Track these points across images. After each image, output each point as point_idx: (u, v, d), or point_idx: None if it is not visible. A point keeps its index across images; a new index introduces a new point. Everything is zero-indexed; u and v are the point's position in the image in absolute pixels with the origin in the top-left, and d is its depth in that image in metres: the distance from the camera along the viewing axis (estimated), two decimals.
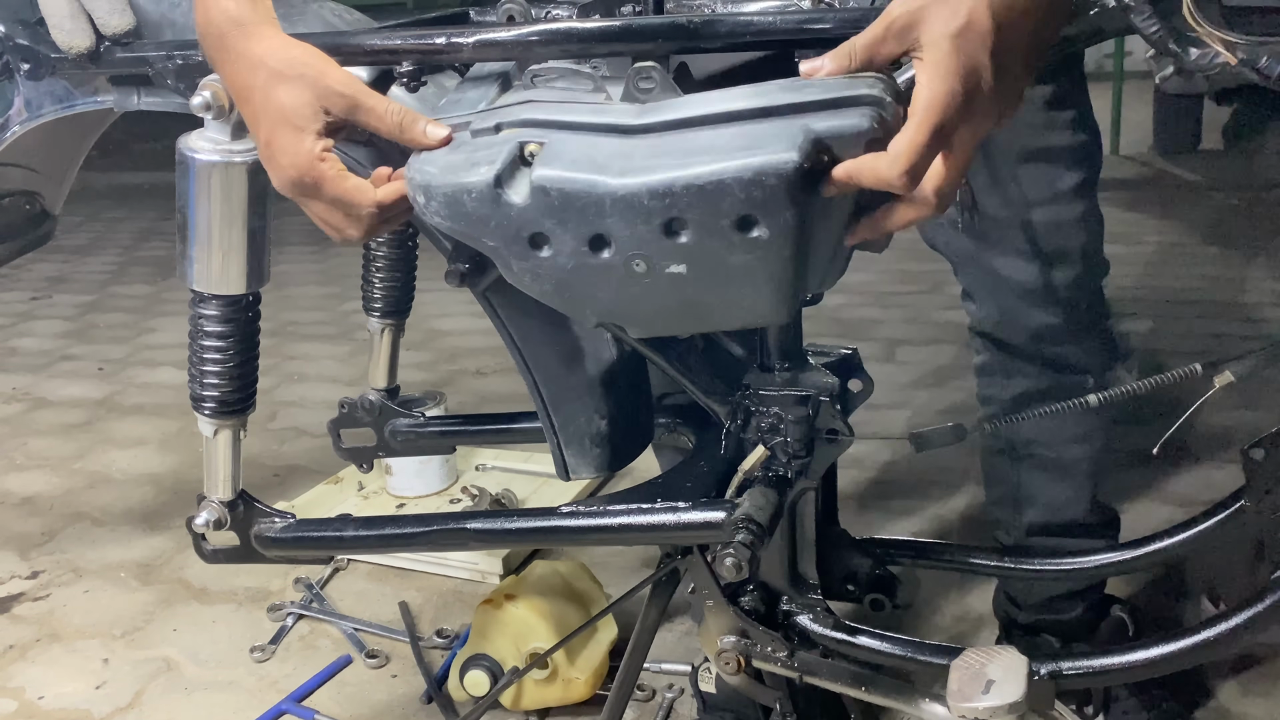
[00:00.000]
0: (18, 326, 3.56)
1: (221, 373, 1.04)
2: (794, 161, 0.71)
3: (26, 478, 2.36)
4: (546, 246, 0.78)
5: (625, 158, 0.76)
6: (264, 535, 1.10)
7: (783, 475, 0.95)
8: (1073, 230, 1.24)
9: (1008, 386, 1.33)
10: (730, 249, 0.75)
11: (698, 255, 0.75)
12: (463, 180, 0.78)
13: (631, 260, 0.77)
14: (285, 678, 1.61)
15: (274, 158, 0.83)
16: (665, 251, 0.76)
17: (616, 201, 0.75)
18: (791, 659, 1.01)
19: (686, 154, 0.74)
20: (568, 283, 0.79)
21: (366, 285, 1.34)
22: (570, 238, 0.77)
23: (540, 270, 0.79)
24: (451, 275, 0.96)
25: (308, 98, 0.81)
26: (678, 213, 0.74)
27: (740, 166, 0.72)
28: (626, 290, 0.78)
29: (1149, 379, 0.94)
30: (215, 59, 0.86)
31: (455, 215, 0.79)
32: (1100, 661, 0.93)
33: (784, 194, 0.72)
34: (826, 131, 0.72)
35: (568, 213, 0.76)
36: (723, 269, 0.76)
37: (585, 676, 1.46)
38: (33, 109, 1.15)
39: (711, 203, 0.73)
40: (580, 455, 1.07)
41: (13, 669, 1.67)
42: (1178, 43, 0.73)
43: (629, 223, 0.75)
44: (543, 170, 0.76)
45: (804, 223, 0.74)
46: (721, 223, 0.74)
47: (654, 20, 0.88)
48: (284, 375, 2.90)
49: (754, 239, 0.74)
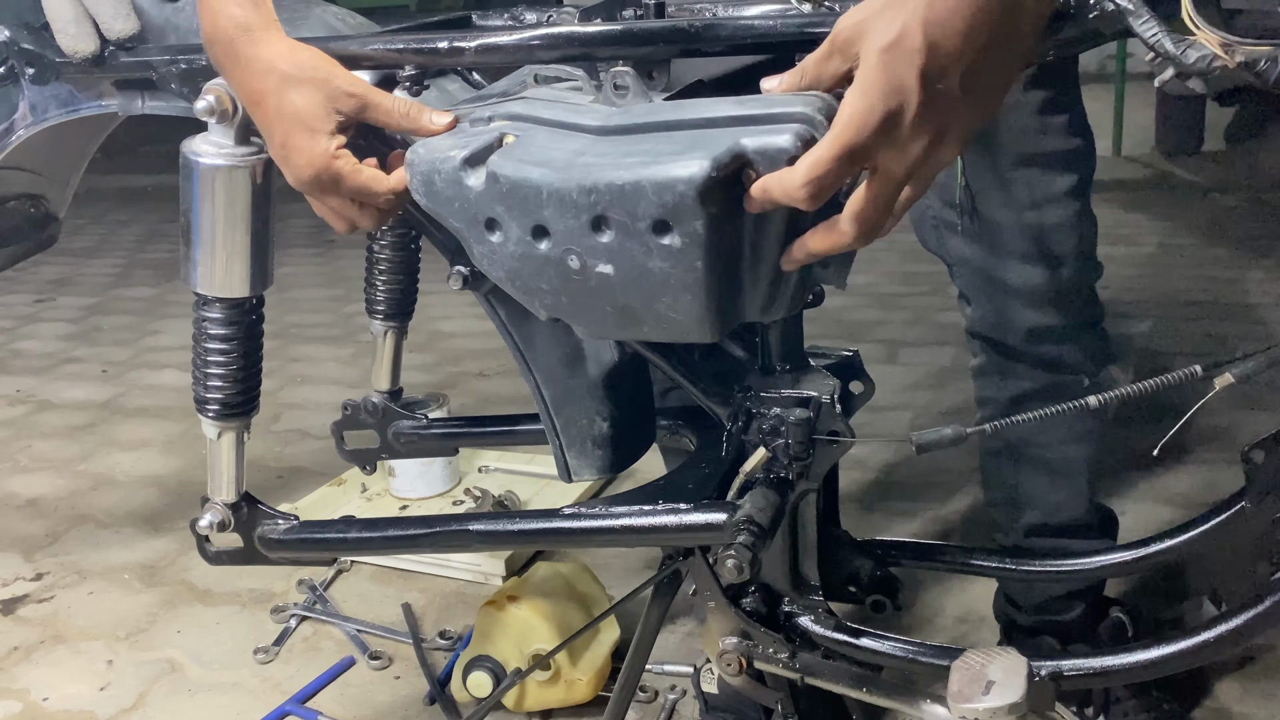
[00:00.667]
0: (22, 329, 3.57)
1: (225, 375, 1.05)
2: (704, 172, 0.72)
3: (31, 480, 2.37)
4: (498, 231, 0.82)
5: (578, 155, 0.79)
6: (267, 537, 1.11)
7: (784, 477, 0.95)
8: (1067, 233, 1.25)
9: (1004, 388, 1.34)
10: (648, 253, 0.77)
11: (620, 256, 0.78)
12: (436, 161, 0.83)
13: (567, 255, 0.80)
14: (289, 679, 1.61)
15: (290, 159, 0.86)
16: (594, 250, 0.79)
17: (551, 194, 0.78)
18: (793, 660, 1.01)
19: (624, 155, 0.77)
20: (517, 271, 0.84)
21: (369, 288, 1.34)
22: (516, 225, 0.81)
23: (494, 256, 0.84)
24: (454, 278, 0.97)
25: (319, 100, 0.84)
26: (601, 210, 0.77)
27: (656, 172, 0.74)
28: (566, 286, 0.82)
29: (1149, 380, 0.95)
30: (224, 65, 0.88)
31: (429, 192, 0.84)
32: (1101, 662, 0.93)
33: (693, 202, 0.73)
34: (753, 147, 0.73)
35: (513, 200, 0.80)
36: (644, 274, 0.78)
37: (588, 678, 1.46)
38: (37, 113, 1.15)
39: (629, 203, 0.75)
40: (582, 457, 1.07)
41: (17, 670, 1.67)
42: (1176, 46, 0.73)
43: (562, 215, 0.79)
44: (496, 159, 0.81)
45: (716, 235, 0.75)
46: (639, 225, 0.76)
47: (654, 24, 0.88)
48: (288, 377, 2.91)
49: (667, 246, 0.76)
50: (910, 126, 0.68)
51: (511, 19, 1.08)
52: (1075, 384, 1.29)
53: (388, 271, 1.33)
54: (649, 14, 0.93)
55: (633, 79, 0.81)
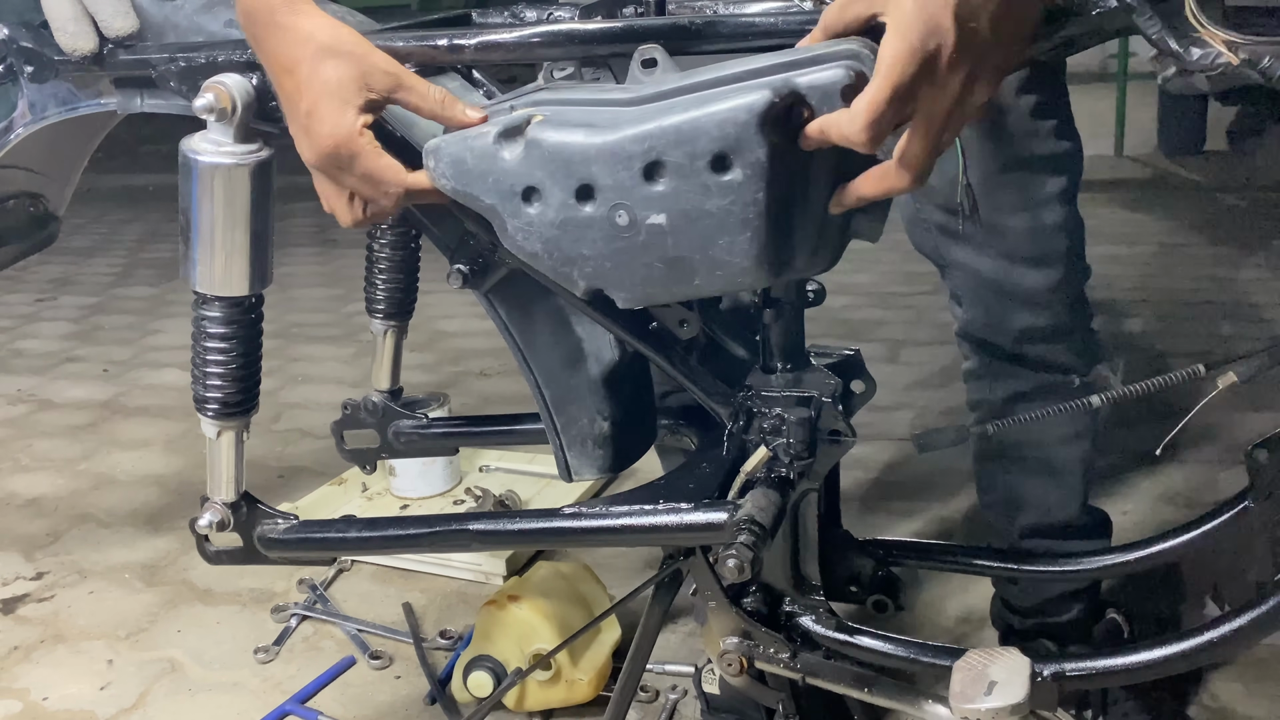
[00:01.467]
0: (23, 328, 3.57)
1: (225, 374, 1.05)
2: (765, 99, 0.74)
3: (32, 479, 2.37)
4: (537, 201, 0.83)
5: (615, 118, 0.80)
6: (267, 537, 1.10)
7: (785, 476, 0.95)
8: (1058, 234, 1.26)
9: (996, 389, 1.36)
10: (706, 193, 0.78)
11: (675, 202, 0.79)
12: (468, 142, 0.84)
13: (615, 211, 0.80)
14: (289, 679, 1.61)
15: (312, 128, 0.85)
16: (646, 200, 0.79)
17: (602, 149, 0.79)
18: (794, 660, 1.01)
19: (670, 108, 0.78)
20: (556, 241, 0.83)
21: (370, 287, 1.34)
22: (559, 189, 0.81)
23: (531, 228, 0.84)
24: (454, 276, 0.97)
25: (354, 73, 0.84)
26: (656, 155, 0.78)
27: (716, 107, 0.75)
28: (611, 247, 0.82)
29: (1152, 379, 0.94)
30: (260, 35, 0.88)
31: (458, 174, 0.84)
32: (1104, 663, 0.93)
33: (755, 131, 0.74)
34: (806, 83, 0.75)
35: (557, 163, 0.81)
36: (700, 217, 0.79)
37: (588, 677, 1.46)
38: (37, 111, 1.15)
39: (687, 142, 0.77)
40: (583, 456, 1.07)
41: (18, 670, 1.67)
42: (1179, 43, 0.73)
43: (611, 170, 0.79)
44: (536, 129, 0.82)
45: (777, 166, 0.76)
46: (697, 163, 0.77)
47: (656, 21, 0.88)
48: (288, 377, 2.91)
49: (728, 181, 0.77)
50: (947, 64, 0.70)
51: (512, 16, 1.08)
52: (1066, 384, 1.31)
53: (388, 271, 1.33)
54: (650, 11, 0.93)
55: (661, 54, 0.81)
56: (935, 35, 0.69)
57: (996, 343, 1.33)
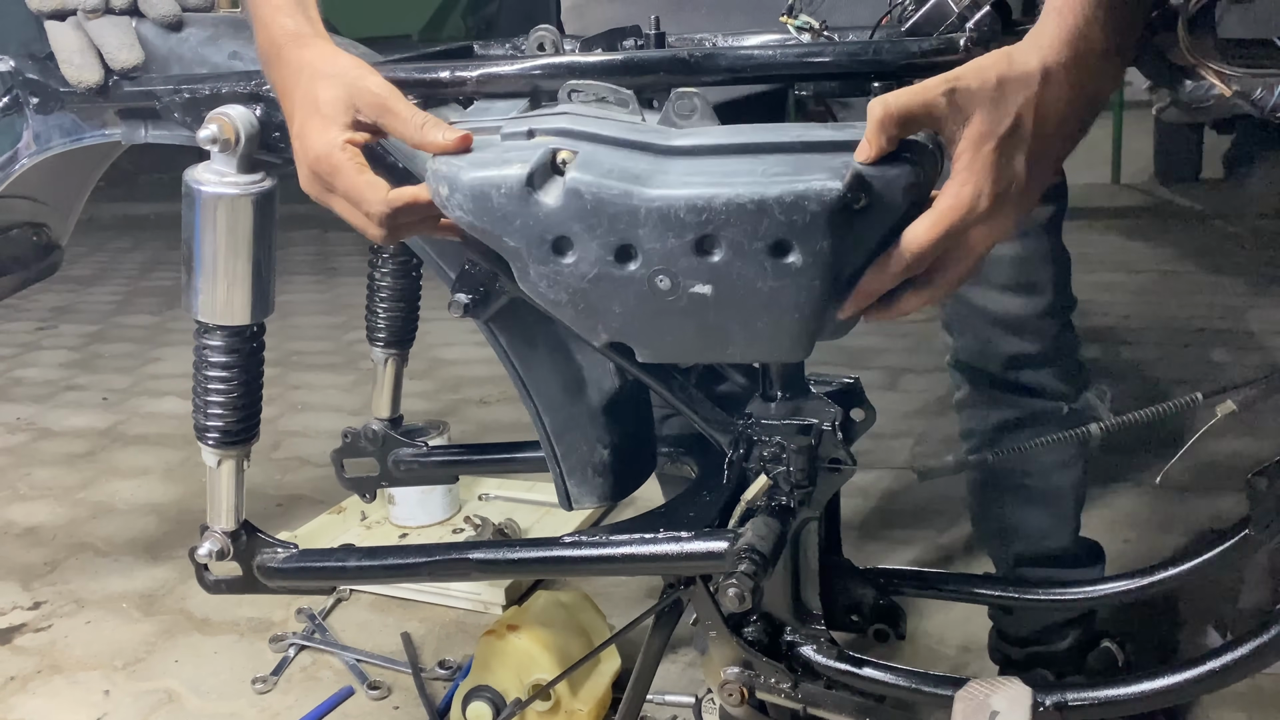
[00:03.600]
0: (23, 356, 3.57)
1: (225, 403, 1.05)
2: (837, 190, 0.71)
3: (30, 508, 2.36)
4: (570, 252, 0.77)
5: (661, 174, 0.76)
6: (266, 565, 1.10)
7: (785, 505, 0.95)
8: (1045, 263, 1.28)
9: (987, 417, 1.37)
10: (760, 274, 0.74)
11: (726, 277, 0.75)
12: (493, 175, 0.77)
13: (656, 275, 0.76)
14: (287, 709, 1.60)
15: (300, 147, 0.86)
16: (693, 270, 0.75)
17: (651, 212, 0.74)
18: (795, 690, 1.00)
19: (726, 174, 0.74)
20: (584, 293, 0.78)
21: (370, 315, 1.35)
22: (597, 245, 0.76)
23: (559, 277, 0.78)
24: (455, 306, 0.97)
25: (341, 94, 0.85)
26: (713, 230, 0.74)
27: (784, 190, 0.72)
28: (645, 307, 0.78)
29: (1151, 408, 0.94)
30: (269, 68, 0.91)
31: (480, 211, 0.78)
32: (1107, 692, 0.92)
33: (824, 222, 0.72)
34: (872, 175, 0.72)
35: (599, 218, 0.75)
36: (749, 294, 0.75)
37: (588, 708, 1.45)
38: (41, 142, 1.16)
39: (751, 223, 0.73)
40: (583, 485, 1.07)
41: (14, 700, 1.66)
42: (1173, 74, 0.74)
43: (660, 235, 0.75)
44: (578, 174, 0.76)
45: (837, 256, 0.74)
46: (756, 245, 0.73)
47: (655, 54, 0.89)
48: (288, 405, 2.91)
49: (786, 265, 0.74)
50: (1013, 204, 0.71)
51: (513, 49, 1.09)
52: (1055, 410, 1.32)
53: (389, 299, 1.33)
54: (649, 44, 0.93)
55: (700, 101, 0.79)
56: (1006, 180, 0.70)
57: (986, 370, 1.34)
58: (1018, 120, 0.69)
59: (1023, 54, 0.69)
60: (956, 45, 0.81)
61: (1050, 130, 0.69)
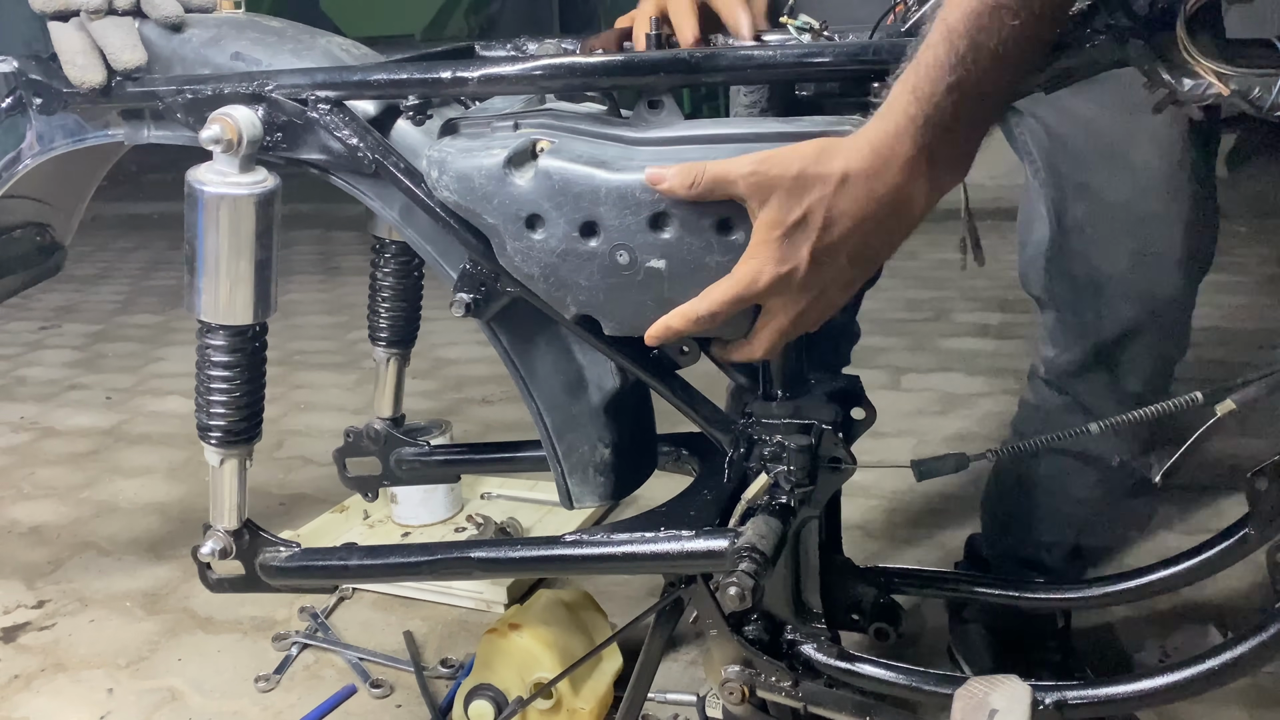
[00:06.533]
0: (27, 356, 3.58)
1: (228, 402, 1.05)
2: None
3: (34, 507, 2.37)
4: (541, 228, 0.86)
5: (626, 159, 0.84)
6: (269, 564, 1.10)
7: (786, 504, 0.95)
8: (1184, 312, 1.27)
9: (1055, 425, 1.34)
10: (708, 248, 0.82)
11: (678, 251, 0.83)
12: (476, 160, 0.87)
13: (616, 250, 0.84)
14: (290, 708, 1.60)
15: None
16: (648, 245, 0.83)
17: (610, 191, 0.83)
18: (796, 689, 1.00)
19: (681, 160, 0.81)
20: (554, 267, 0.87)
21: (372, 315, 1.35)
22: (564, 221, 0.85)
23: (531, 252, 0.87)
24: (456, 305, 0.97)
25: None
26: (665, 208, 0.81)
27: None
28: (607, 281, 0.86)
29: (1151, 406, 0.95)
30: None
31: (464, 191, 0.87)
32: (1107, 691, 0.93)
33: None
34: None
35: (565, 197, 0.84)
36: (699, 269, 0.83)
37: (590, 706, 1.45)
38: (44, 142, 1.16)
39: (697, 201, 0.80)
40: (584, 484, 1.07)
41: (18, 699, 1.66)
42: (1172, 74, 0.74)
43: (619, 212, 0.83)
44: (548, 159, 0.85)
45: None
46: (703, 221, 0.81)
47: (656, 55, 0.89)
48: (291, 404, 2.91)
49: (731, 240, 0.81)
50: (797, 287, 0.79)
51: (514, 49, 1.09)
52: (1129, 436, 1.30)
53: (390, 299, 1.33)
54: (650, 45, 0.94)
55: (669, 101, 0.86)
56: (788, 263, 0.77)
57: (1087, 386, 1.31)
58: (807, 214, 0.74)
59: (831, 153, 0.74)
60: None
61: (843, 230, 0.74)
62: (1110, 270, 1.22)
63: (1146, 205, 1.18)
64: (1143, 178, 1.17)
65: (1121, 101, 1.10)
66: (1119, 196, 1.18)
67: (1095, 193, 1.20)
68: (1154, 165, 1.16)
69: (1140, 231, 1.19)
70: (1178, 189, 1.17)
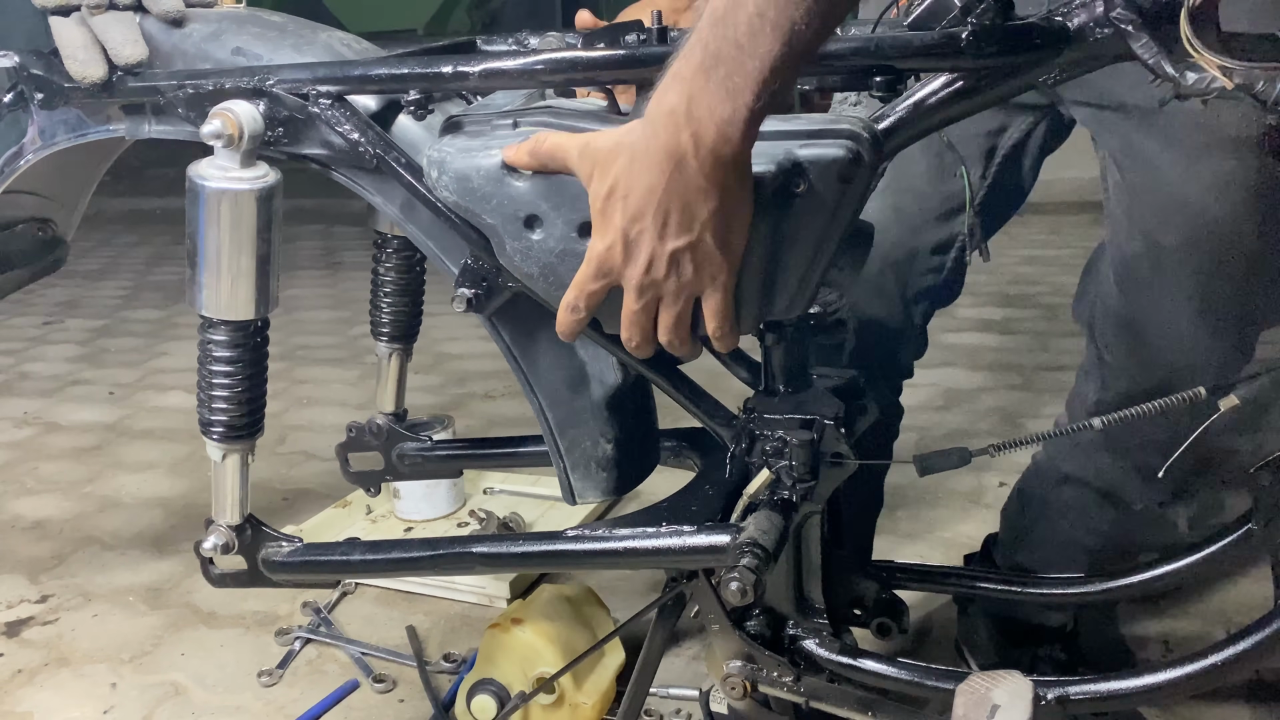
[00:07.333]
0: (30, 351, 3.58)
1: (230, 397, 1.05)
2: (769, 174, 0.79)
3: (37, 502, 2.37)
4: (539, 228, 0.86)
5: None
6: (272, 559, 1.11)
7: (788, 499, 0.95)
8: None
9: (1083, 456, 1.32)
10: None
11: None
12: (475, 160, 0.87)
13: None
14: (292, 702, 1.61)
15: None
16: None
17: None
18: (798, 684, 1.01)
19: None
20: (553, 267, 0.87)
21: (375, 310, 1.35)
22: (561, 221, 0.85)
23: (530, 251, 0.87)
24: (458, 300, 0.97)
25: None
26: None
27: None
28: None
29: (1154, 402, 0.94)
30: None
31: (463, 191, 0.88)
32: (1109, 686, 0.93)
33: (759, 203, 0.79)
34: (807, 156, 0.80)
35: (562, 198, 0.84)
36: None
37: (592, 701, 1.45)
38: (46, 137, 1.16)
39: None
40: (586, 479, 1.07)
41: (21, 693, 1.67)
42: (1175, 68, 0.73)
43: None
44: None
45: (773, 235, 0.81)
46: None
47: (658, 49, 0.89)
48: (293, 399, 2.91)
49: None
50: (640, 267, 0.80)
51: (516, 43, 1.09)
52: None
53: (393, 294, 1.33)
54: (652, 39, 0.94)
55: None
56: (613, 232, 0.79)
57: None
58: (614, 184, 0.78)
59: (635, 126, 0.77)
60: (958, 39, 0.81)
61: (639, 197, 0.76)
62: (1158, 318, 1.15)
63: (1201, 254, 1.09)
64: (1200, 225, 1.07)
65: (1185, 140, 1.03)
66: (1173, 241, 1.10)
67: (1150, 236, 1.12)
68: (1213, 211, 1.06)
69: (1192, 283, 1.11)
70: (1238, 239, 1.07)
